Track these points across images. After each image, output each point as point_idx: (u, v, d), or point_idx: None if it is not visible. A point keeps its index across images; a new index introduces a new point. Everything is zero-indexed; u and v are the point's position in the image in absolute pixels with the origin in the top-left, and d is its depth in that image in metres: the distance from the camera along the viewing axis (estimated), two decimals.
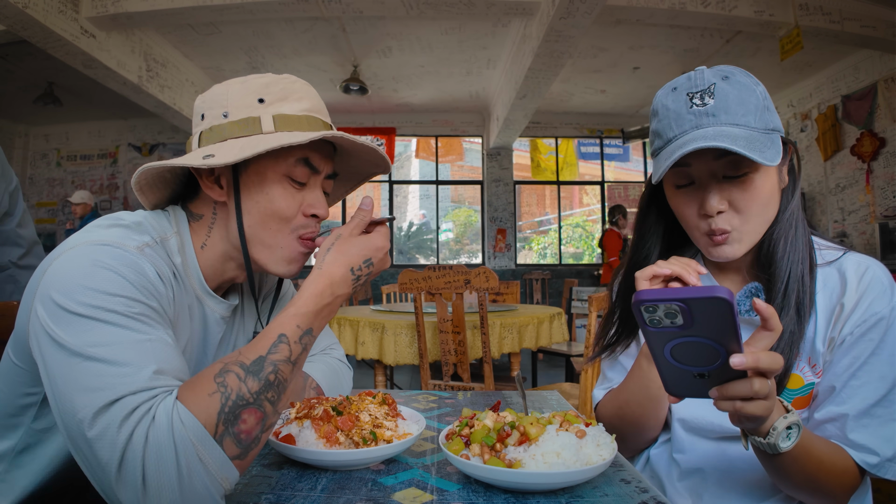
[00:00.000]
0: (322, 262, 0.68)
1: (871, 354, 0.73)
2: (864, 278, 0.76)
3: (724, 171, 0.75)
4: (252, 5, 4.21)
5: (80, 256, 0.59)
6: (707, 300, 0.50)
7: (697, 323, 0.52)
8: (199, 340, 0.78)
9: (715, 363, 0.55)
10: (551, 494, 0.61)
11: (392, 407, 0.78)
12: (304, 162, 0.74)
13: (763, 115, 0.74)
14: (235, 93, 0.74)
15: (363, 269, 0.69)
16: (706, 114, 0.73)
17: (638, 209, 0.93)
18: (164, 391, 0.53)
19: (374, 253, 0.70)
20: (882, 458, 0.71)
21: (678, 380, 0.59)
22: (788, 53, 4.38)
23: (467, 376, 2.27)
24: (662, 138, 0.78)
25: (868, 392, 0.73)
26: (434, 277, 2.21)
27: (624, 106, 7.26)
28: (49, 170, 7.69)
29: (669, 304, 0.51)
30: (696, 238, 0.81)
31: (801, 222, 0.80)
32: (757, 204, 0.75)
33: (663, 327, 0.53)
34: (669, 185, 0.82)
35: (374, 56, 5.64)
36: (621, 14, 4.32)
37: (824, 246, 0.82)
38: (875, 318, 0.73)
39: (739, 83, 0.74)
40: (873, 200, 5.54)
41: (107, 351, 0.53)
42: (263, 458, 0.73)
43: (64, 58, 4.43)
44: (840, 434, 0.74)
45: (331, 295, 0.66)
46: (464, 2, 4.18)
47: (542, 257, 9.08)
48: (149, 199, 0.77)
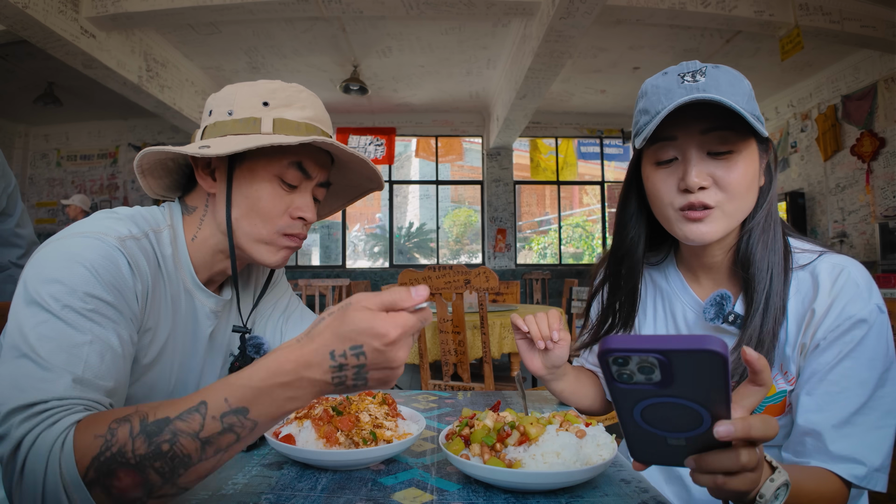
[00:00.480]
0: (309, 330, 0.52)
1: (848, 359, 0.69)
2: (838, 281, 0.72)
3: (709, 147, 0.73)
4: (252, 5, 4.21)
5: (59, 247, 0.62)
6: (694, 353, 0.39)
7: (679, 381, 0.41)
8: (188, 333, 0.80)
9: (695, 429, 0.45)
10: (551, 494, 0.61)
11: (392, 407, 0.78)
12: (296, 166, 0.77)
13: (750, 101, 0.73)
14: (243, 94, 0.78)
15: (348, 359, 0.49)
16: (697, 88, 0.71)
17: (619, 197, 0.90)
18: (72, 406, 0.53)
19: (368, 340, 0.49)
20: (869, 468, 0.67)
21: (647, 445, 0.48)
22: (788, 53, 4.38)
23: (467, 376, 2.27)
24: (650, 113, 0.74)
25: (848, 399, 0.69)
26: (434, 277, 2.21)
27: (624, 106, 7.26)
28: (49, 170, 7.69)
29: (645, 357, 0.40)
30: (670, 217, 0.77)
31: (778, 224, 0.78)
32: (741, 184, 0.73)
33: (635, 383, 0.42)
34: (649, 163, 0.79)
35: (374, 56, 5.64)
36: (621, 14, 4.32)
37: (800, 248, 0.79)
38: (850, 322, 0.69)
39: (729, 72, 0.74)
40: (873, 200, 5.54)
41: (45, 348, 0.55)
42: (263, 458, 0.73)
43: (64, 58, 4.43)
44: (821, 447, 0.69)
45: (293, 374, 0.49)
46: (464, 2, 4.18)
47: (542, 257, 9.08)
48: (150, 184, 0.81)
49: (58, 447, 0.49)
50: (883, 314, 0.70)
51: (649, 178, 0.79)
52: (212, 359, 0.87)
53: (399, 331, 0.49)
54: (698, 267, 0.85)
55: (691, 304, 0.85)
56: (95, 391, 0.57)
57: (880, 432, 0.68)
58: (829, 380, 0.70)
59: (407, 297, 0.50)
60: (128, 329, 0.65)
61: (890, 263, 5.13)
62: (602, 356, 0.41)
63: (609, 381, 0.43)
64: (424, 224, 10.95)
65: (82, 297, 0.59)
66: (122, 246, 0.66)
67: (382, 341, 0.48)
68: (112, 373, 0.59)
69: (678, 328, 0.87)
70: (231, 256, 0.79)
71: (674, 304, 0.88)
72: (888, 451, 0.68)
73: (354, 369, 0.50)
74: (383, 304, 0.50)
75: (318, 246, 10.46)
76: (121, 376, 0.62)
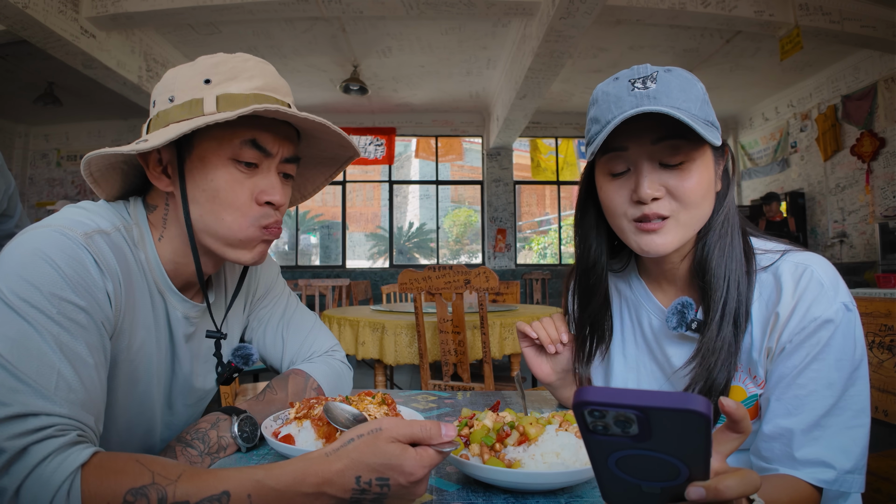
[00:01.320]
0: (338, 447, 0.52)
1: (814, 361, 0.67)
2: (801, 282, 0.70)
3: (661, 157, 0.72)
4: (252, 5, 4.21)
5: (27, 242, 0.59)
6: (675, 412, 0.37)
7: (657, 436, 0.39)
8: (162, 337, 0.76)
9: (671, 480, 0.43)
10: (551, 494, 0.61)
11: (392, 407, 0.78)
12: (250, 143, 0.69)
13: (704, 106, 0.71)
14: (183, 76, 0.70)
15: (372, 487, 0.50)
16: (647, 96, 0.69)
17: (575, 208, 0.88)
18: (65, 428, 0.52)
19: (395, 476, 0.50)
20: (839, 470, 0.64)
21: (620, 490, 0.47)
22: (788, 53, 4.39)
23: (467, 376, 2.27)
24: (600, 122, 0.72)
25: (816, 402, 0.67)
26: (434, 277, 2.21)
27: None
28: (49, 170, 7.69)
29: (623, 412, 0.39)
30: (625, 228, 0.75)
31: (735, 228, 0.76)
32: (695, 194, 0.71)
33: (611, 435, 0.40)
34: (603, 174, 0.77)
35: (374, 56, 5.64)
36: (621, 14, 4.33)
37: (762, 249, 0.77)
38: (815, 324, 0.67)
39: (681, 76, 0.73)
40: (873, 200, 5.54)
41: (13, 354, 0.53)
42: (263, 459, 0.73)
43: (64, 58, 4.43)
44: (788, 452, 0.67)
45: (315, 488, 0.50)
46: (464, 2, 4.18)
47: (542, 257, 9.08)
48: (104, 189, 0.74)
49: (63, 494, 0.48)
50: (850, 312, 0.68)
51: (602, 189, 0.78)
52: (197, 367, 0.83)
53: (425, 471, 0.51)
54: (659, 275, 0.84)
55: (655, 312, 0.84)
56: (74, 405, 0.54)
57: (851, 433, 0.66)
58: (797, 384, 0.68)
59: (437, 435, 0.52)
60: (99, 335, 0.61)
61: (890, 263, 5.13)
62: (577, 408, 0.40)
63: (584, 431, 0.42)
64: (424, 224, 10.96)
65: (52, 300, 0.56)
66: (87, 243, 0.62)
67: (408, 479, 0.50)
68: (79, 384, 0.56)
69: (645, 336, 0.86)
70: (194, 256, 0.72)
71: (640, 312, 0.86)
72: (861, 451, 0.66)
73: (375, 496, 0.51)
74: (413, 437, 0.52)
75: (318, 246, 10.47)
76: (94, 386, 0.58)
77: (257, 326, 0.95)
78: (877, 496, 1.01)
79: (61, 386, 0.54)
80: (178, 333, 0.78)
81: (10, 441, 0.49)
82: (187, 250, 0.74)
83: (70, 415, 0.53)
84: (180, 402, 0.83)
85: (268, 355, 0.95)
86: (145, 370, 0.73)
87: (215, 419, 0.74)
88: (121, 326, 0.67)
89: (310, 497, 0.50)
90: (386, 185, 8.03)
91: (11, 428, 0.50)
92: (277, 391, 0.84)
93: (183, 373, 0.81)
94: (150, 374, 0.74)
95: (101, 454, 0.53)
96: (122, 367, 0.69)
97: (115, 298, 0.65)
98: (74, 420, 0.54)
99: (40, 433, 0.50)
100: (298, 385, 0.86)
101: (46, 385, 0.53)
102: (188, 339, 0.80)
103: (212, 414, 0.76)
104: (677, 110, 0.67)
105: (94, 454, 0.52)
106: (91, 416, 0.57)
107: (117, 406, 0.70)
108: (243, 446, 0.73)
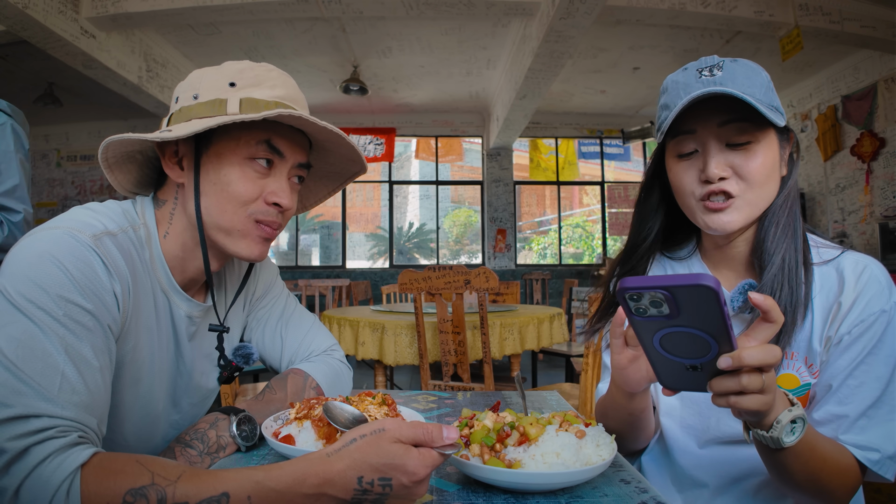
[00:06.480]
0: (340, 448, 0.53)
1: (868, 354, 0.73)
2: (861, 277, 0.75)
3: (728, 138, 0.76)
4: (252, 5, 4.21)
5: (36, 243, 0.59)
6: (690, 288, 0.47)
7: (684, 312, 0.50)
8: (167, 337, 0.77)
9: (706, 355, 0.53)
10: (551, 495, 0.61)
11: (392, 407, 0.78)
12: (266, 144, 0.72)
13: (768, 92, 0.75)
14: (209, 77, 0.74)
15: (374, 487, 0.51)
16: (714, 82, 0.74)
17: (640, 188, 0.93)
18: (66, 429, 0.52)
19: (398, 475, 0.51)
20: (883, 454, 0.71)
21: (670, 372, 0.57)
22: (789, 54, 4.38)
23: (467, 377, 2.27)
24: (669, 108, 0.77)
25: (865, 393, 0.72)
26: (434, 278, 2.21)
27: (624, 106, 7.26)
28: (49, 170, 7.68)
29: (654, 293, 0.49)
30: (692, 207, 0.80)
31: (795, 214, 0.79)
32: (760, 173, 0.75)
33: (650, 316, 0.51)
34: (672, 156, 0.82)
35: (374, 56, 5.64)
36: (621, 14, 4.32)
37: (822, 244, 0.81)
38: (873, 318, 0.73)
39: (746, 65, 0.77)
40: (873, 200, 5.54)
41: (18, 355, 0.53)
42: (263, 459, 0.73)
43: (64, 58, 4.43)
44: (836, 436, 0.73)
45: (316, 489, 0.51)
46: (464, 2, 4.18)
47: (542, 257, 9.08)
48: (117, 177, 0.76)
49: (62, 494, 0.48)
50: None
51: (672, 169, 0.82)
52: (200, 365, 0.84)
53: (428, 471, 0.52)
54: (721, 259, 0.87)
55: None
56: (77, 408, 0.54)
57: (894, 424, 0.71)
58: (852, 375, 0.73)
59: (439, 437, 0.53)
60: (105, 338, 0.61)
61: (890, 263, 5.12)
62: (620, 293, 0.51)
63: (629, 315, 0.53)
64: (424, 224, 10.96)
65: (55, 299, 0.56)
66: (96, 245, 0.62)
67: (411, 479, 0.51)
68: (81, 386, 0.56)
69: None
70: (202, 246, 0.74)
71: None
72: None
73: (376, 496, 0.51)
74: (416, 438, 0.52)
75: (318, 246, 10.47)
76: (98, 389, 0.58)
77: (256, 326, 0.95)
78: (877, 496, 1.01)
79: (65, 388, 0.54)
80: (181, 332, 0.79)
81: (12, 442, 0.49)
82: (193, 245, 0.75)
83: (72, 417, 0.53)
84: (186, 400, 0.84)
85: (267, 355, 0.96)
86: (149, 370, 0.74)
87: (214, 419, 0.74)
88: (127, 328, 0.67)
89: (310, 498, 0.51)
90: (386, 185, 8.03)
91: (13, 429, 0.50)
92: (276, 391, 0.84)
93: (187, 371, 0.82)
94: (154, 374, 0.75)
95: (101, 454, 0.52)
96: (127, 368, 0.69)
97: (123, 301, 0.65)
98: (77, 422, 0.54)
99: (41, 434, 0.50)
100: (297, 384, 0.86)
101: (50, 387, 0.53)
102: (191, 337, 0.81)
103: (210, 414, 0.76)
104: (742, 94, 0.71)
105: (94, 454, 0.52)
106: (94, 418, 0.57)
107: (123, 407, 0.71)
108: (242, 445, 0.73)
